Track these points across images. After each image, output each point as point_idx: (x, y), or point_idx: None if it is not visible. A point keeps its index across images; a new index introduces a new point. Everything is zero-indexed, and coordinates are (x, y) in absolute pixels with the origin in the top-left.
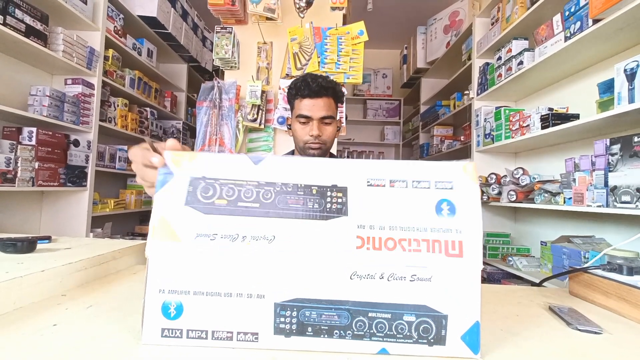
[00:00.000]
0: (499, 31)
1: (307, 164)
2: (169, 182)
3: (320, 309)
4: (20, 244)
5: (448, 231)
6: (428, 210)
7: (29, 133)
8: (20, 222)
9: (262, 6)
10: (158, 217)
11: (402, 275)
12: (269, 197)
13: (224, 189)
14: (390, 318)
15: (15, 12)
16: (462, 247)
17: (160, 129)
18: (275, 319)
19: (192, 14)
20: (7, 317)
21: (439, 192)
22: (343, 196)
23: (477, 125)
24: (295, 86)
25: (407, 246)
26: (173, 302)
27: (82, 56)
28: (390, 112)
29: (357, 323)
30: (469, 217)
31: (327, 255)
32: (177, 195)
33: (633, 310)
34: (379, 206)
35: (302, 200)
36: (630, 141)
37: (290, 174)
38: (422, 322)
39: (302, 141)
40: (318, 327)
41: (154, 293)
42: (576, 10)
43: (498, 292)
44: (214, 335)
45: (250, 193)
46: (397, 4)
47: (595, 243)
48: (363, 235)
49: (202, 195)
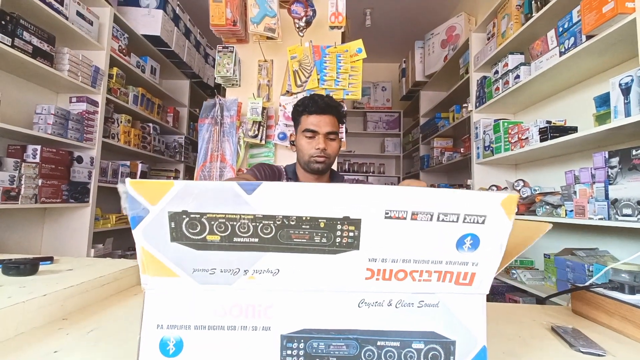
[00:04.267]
0: (495, 46)
1: (312, 190)
2: (146, 218)
3: (328, 339)
4: (23, 266)
5: (464, 264)
6: (449, 246)
7: (33, 151)
8: (22, 238)
9: (263, 26)
10: (143, 252)
11: (410, 302)
12: (269, 231)
13: (214, 224)
14: (399, 346)
15: (23, 34)
16: (474, 277)
17: (162, 144)
18: (282, 352)
19: (195, 32)
20: (9, 343)
21: (467, 227)
22: (356, 230)
23: (477, 138)
24: (303, 103)
25: (417, 277)
26: (172, 337)
27: (87, 75)
28: (390, 124)
29: (366, 353)
30: (490, 252)
31: (335, 286)
32: (159, 232)
33: (636, 331)
34: (396, 241)
35: (308, 235)
36: (629, 154)
37: (292, 204)
38: (430, 349)
39: (308, 155)
40: (327, 358)
41: (151, 328)
42: (569, 26)
43: (500, 311)
44: None
45: (245, 228)
46: (395, 20)
47: (599, 256)
48: (374, 268)
49: (189, 231)
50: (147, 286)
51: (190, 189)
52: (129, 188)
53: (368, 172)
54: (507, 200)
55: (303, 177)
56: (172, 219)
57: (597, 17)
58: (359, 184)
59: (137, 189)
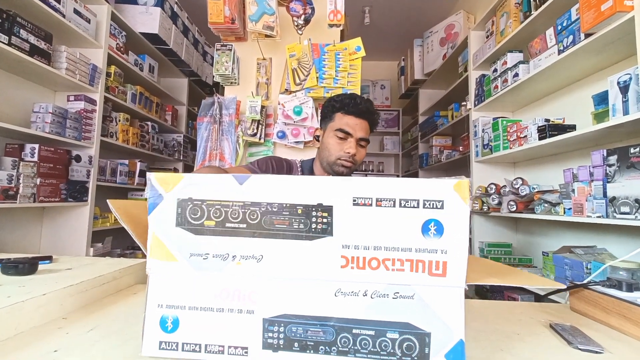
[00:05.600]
0: (494, 44)
1: (292, 182)
2: (160, 205)
3: (306, 325)
4: (22, 266)
5: (433, 252)
6: (414, 231)
7: (31, 149)
8: (21, 238)
9: (262, 24)
10: (153, 237)
11: (385, 293)
12: (255, 217)
13: (211, 210)
14: (374, 335)
15: (20, 32)
16: (446, 267)
17: (161, 143)
18: (263, 334)
19: (193, 30)
20: (8, 343)
21: (427, 212)
22: (328, 216)
23: (475, 136)
24: (342, 101)
25: (390, 265)
26: (170, 316)
27: (85, 73)
28: (389, 122)
29: (342, 339)
30: (456, 238)
31: (313, 273)
32: (168, 217)
33: (634, 328)
34: (365, 226)
35: (288, 221)
36: (627, 152)
37: (275, 193)
38: (405, 340)
39: (335, 156)
40: (304, 342)
41: (154, 307)
42: (568, 24)
43: (499, 309)
44: (207, 349)
45: (236, 214)
46: (394, 18)
47: (597, 253)
48: (347, 255)
49: (191, 216)
50: (151, 270)
51: (195, 180)
52: (152, 178)
53: (367, 171)
54: (458, 185)
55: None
56: (180, 205)
57: (595, 15)
58: (331, 177)
59: (158, 179)
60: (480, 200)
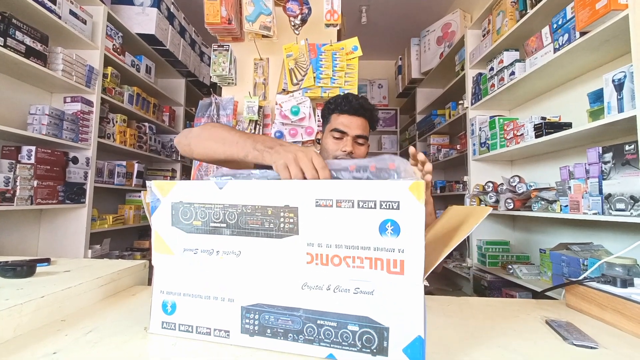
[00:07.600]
0: (490, 43)
1: (264, 186)
2: (159, 207)
3: (277, 314)
4: (20, 268)
5: (391, 251)
6: (372, 230)
7: (28, 152)
8: (19, 240)
9: (258, 24)
10: (155, 234)
11: (347, 288)
12: (233, 218)
13: (197, 211)
14: (336, 326)
15: (16, 34)
16: (403, 265)
17: (159, 144)
18: (242, 320)
19: (190, 30)
20: (7, 345)
21: (384, 212)
22: (294, 216)
23: (473, 134)
24: (335, 102)
25: (351, 263)
26: (169, 301)
27: (82, 75)
28: (387, 121)
29: (308, 329)
30: (412, 237)
31: (282, 268)
32: (165, 218)
33: (628, 323)
34: (327, 226)
35: (260, 221)
36: (622, 149)
37: (250, 196)
38: (364, 332)
39: (332, 156)
40: (275, 329)
41: (158, 293)
42: (563, 23)
43: (496, 306)
44: (197, 330)
45: (218, 215)
46: (391, 17)
47: (594, 250)
48: (312, 252)
49: (182, 217)
50: (155, 262)
51: (185, 186)
52: (152, 185)
53: None
54: (413, 185)
55: None
56: (173, 207)
57: (590, 14)
58: (296, 181)
59: (156, 185)
60: (477, 199)
